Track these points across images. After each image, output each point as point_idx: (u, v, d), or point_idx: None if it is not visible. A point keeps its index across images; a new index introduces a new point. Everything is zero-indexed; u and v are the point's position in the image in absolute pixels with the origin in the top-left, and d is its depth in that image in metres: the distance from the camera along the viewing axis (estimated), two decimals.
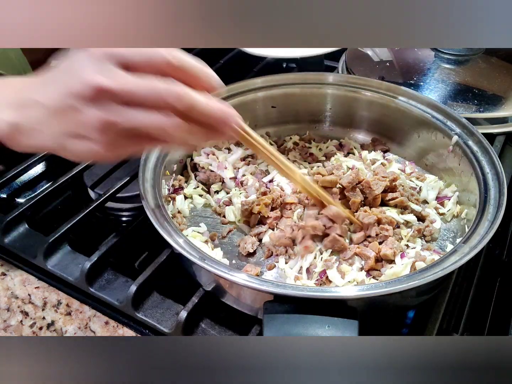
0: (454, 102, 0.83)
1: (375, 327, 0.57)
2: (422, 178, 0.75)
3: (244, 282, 0.51)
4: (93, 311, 0.62)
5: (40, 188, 0.82)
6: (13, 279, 0.67)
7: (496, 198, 0.60)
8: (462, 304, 0.61)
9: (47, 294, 0.65)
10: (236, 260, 0.66)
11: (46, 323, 0.61)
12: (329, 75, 0.84)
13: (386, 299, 0.54)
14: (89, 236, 0.71)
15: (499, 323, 0.61)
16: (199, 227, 0.70)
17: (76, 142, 0.45)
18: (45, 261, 0.64)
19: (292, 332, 0.48)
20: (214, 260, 0.54)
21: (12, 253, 0.68)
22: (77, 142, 0.45)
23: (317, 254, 0.63)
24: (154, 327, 0.59)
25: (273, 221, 0.68)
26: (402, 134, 0.81)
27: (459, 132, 0.72)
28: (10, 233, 0.69)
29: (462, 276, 0.64)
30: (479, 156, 0.67)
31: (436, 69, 0.91)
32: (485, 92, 0.85)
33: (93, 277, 0.63)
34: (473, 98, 0.83)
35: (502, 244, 0.72)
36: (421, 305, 0.61)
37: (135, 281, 0.59)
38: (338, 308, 0.49)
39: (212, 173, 0.77)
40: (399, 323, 0.62)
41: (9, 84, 0.49)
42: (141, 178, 0.64)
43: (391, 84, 0.80)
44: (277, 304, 0.50)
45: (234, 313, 0.59)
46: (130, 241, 0.69)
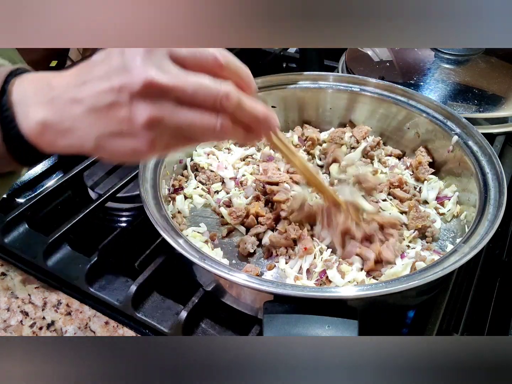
0: (454, 102, 0.83)
1: (375, 327, 0.57)
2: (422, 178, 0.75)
3: (244, 282, 0.51)
4: (93, 311, 0.62)
5: (40, 188, 0.83)
6: (13, 279, 0.67)
7: (496, 198, 0.60)
8: (462, 304, 0.61)
9: (47, 294, 0.65)
10: (236, 260, 0.66)
11: (46, 323, 0.61)
12: (329, 75, 0.84)
13: (386, 299, 0.54)
14: (89, 236, 0.71)
15: (499, 323, 0.61)
16: (199, 227, 0.70)
17: (117, 141, 0.42)
18: (45, 261, 0.64)
19: (292, 332, 0.48)
20: (214, 260, 0.54)
21: (12, 253, 0.68)
22: (118, 141, 0.42)
23: (317, 254, 0.64)
24: (154, 327, 0.59)
25: (272, 221, 0.68)
26: (402, 133, 0.81)
27: (459, 132, 0.72)
28: (10, 233, 0.69)
29: (462, 276, 0.64)
30: (479, 156, 0.67)
31: (436, 69, 0.91)
32: (485, 92, 0.85)
33: (93, 277, 0.63)
34: (473, 98, 0.84)
35: (502, 244, 0.72)
36: (421, 305, 0.61)
37: (135, 281, 0.59)
38: (338, 308, 0.49)
39: (212, 173, 0.77)
40: (399, 323, 0.62)
41: (39, 80, 0.44)
42: (141, 178, 0.64)
43: (391, 84, 0.81)
44: (277, 304, 0.50)
45: (234, 313, 0.59)
46: (130, 241, 0.69)
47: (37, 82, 0.43)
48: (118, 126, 0.41)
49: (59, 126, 0.42)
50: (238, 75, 0.45)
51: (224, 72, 0.44)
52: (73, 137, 0.42)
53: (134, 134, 0.41)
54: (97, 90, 0.41)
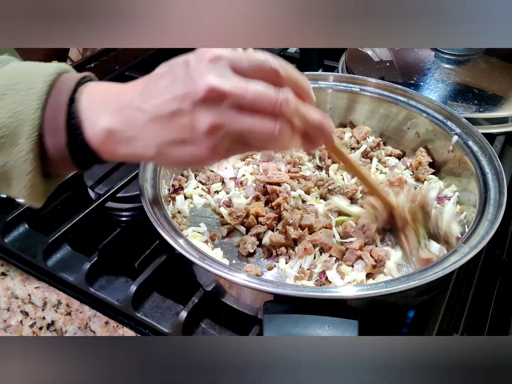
0: (454, 102, 0.83)
1: (375, 327, 0.57)
2: (422, 178, 0.75)
3: (244, 282, 0.51)
4: (93, 311, 0.62)
5: None
6: (13, 279, 0.67)
7: (496, 198, 0.60)
8: (462, 304, 0.61)
9: (47, 294, 0.65)
10: (236, 260, 0.66)
11: (46, 323, 0.61)
12: (329, 75, 0.84)
13: (386, 299, 0.54)
14: (89, 236, 0.71)
15: (499, 323, 0.61)
16: (199, 227, 0.70)
17: (179, 149, 0.43)
18: (45, 261, 0.64)
19: (292, 332, 0.48)
20: (214, 260, 0.54)
21: (12, 253, 0.68)
22: (179, 149, 0.43)
23: (317, 254, 0.63)
24: (154, 327, 0.59)
25: (272, 221, 0.68)
26: (402, 134, 0.81)
27: (459, 132, 0.72)
28: (10, 233, 0.69)
29: (462, 276, 0.64)
30: (479, 156, 0.67)
31: (436, 69, 0.91)
32: (485, 92, 0.85)
33: (93, 277, 0.63)
34: (473, 98, 0.83)
35: (502, 244, 0.72)
36: (421, 305, 0.61)
37: (135, 281, 0.59)
38: (338, 308, 0.49)
39: (212, 173, 0.77)
40: (399, 323, 0.62)
41: (107, 90, 0.46)
42: (141, 178, 0.64)
43: (391, 84, 0.80)
44: (277, 304, 0.50)
45: (234, 313, 0.59)
46: (130, 241, 0.69)
47: (105, 92, 0.45)
48: (181, 134, 0.43)
49: (123, 134, 0.43)
50: (297, 85, 0.46)
51: (283, 81, 0.44)
52: (136, 145, 0.44)
53: (195, 141, 0.43)
54: (162, 99, 0.42)
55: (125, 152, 0.45)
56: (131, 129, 0.43)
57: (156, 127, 0.43)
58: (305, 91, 0.47)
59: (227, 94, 0.41)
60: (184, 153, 0.44)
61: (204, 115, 0.41)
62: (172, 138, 0.43)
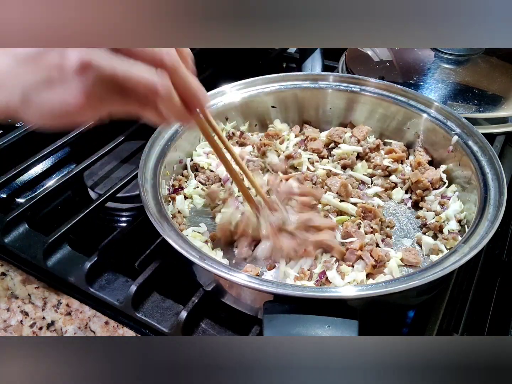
0: (454, 102, 0.83)
1: (375, 327, 0.57)
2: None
3: (244, 282, 0.51)
4: (93, 311, 0.62)
5: (40, 188, 0.82)
6: (13, 279, 0.67)
7: (496, 198, 0.60)
8: (462, 304, 0.61)
9: (47, 294, 0.65)
10: (236, 260, 0.66)
11: (46, 323, 0.61)
12: (329, 75, 0.84)
13: (386, 299, 0.54)
14: (89, 236, 0.71)
15: (499, 323, 0.61)
16: (199, 227, 0.70)
17: (47, 94, 0.39)
18: (45, 261, 0.64)
19: (292, 332, 0.48)
20: (214, 260, 0.54)
21: (12, 253, 0.68)
22: (47, 94, 0.39)
23: (318, 255, 0.63)
24: (154, 327, 0.59)
25: None
26: (401, 133, 0.81)
27: (459, 132, 0.72)
28: (10, 233, 0.69)
29: (462, 276, 0.64)
30: (479, 156, 0.67)
31: (436, 69, 0.91)
32: (485, 92, 0.85)
33: (93, 277, 0.63)
34: (473, 98, 0.84)
35: (502, 244, 0.72)
36: (421, 305, 0.61)
37: (135, 281, 0.59)
38: (338, 308, 0.49)
39: (212, 173, 0.77)
40: (399, 323, 0.62)
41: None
42: (141, 178, 0.64)
43: (391, 84, 0.80)
44: (277, 304, 0.50)
45: (234, 313, 0.59)
46: (130, 241, 0.69)
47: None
48: (48, 73, 0.39)
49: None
50: (180, 50, 0.45)
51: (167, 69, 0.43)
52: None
53: (65, 82, 0.39)
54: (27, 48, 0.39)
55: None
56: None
57: (21, 70, 0.39)
58: (186, 57, 0.46)
59: None
60: (52, 99, 0.40)
61: (75, 52, 0.38)
62: (39, 78, 0.39)
